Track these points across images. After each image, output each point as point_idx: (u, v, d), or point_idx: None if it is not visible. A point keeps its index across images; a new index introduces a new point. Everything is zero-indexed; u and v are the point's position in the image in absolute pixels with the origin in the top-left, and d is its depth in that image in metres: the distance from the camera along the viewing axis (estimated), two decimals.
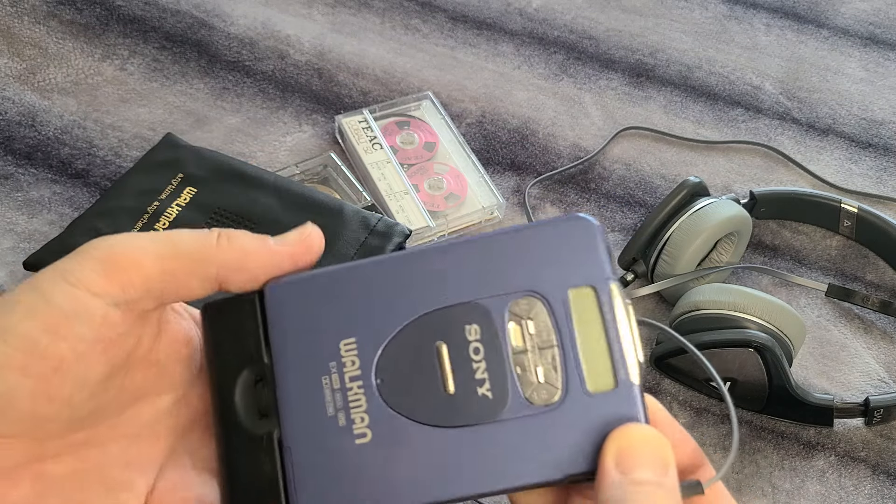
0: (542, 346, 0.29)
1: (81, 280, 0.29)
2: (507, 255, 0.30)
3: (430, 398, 0.29)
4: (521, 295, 0.30)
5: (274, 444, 0.30)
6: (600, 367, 0.29)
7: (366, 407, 0.29)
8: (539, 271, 0.30)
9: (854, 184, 0.75)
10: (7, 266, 0.63)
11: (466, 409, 0.29)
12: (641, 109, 0.80)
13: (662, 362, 0.59)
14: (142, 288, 0.30)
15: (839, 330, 0.66)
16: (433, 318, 0.30)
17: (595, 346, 0.29)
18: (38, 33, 0.79)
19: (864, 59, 0.86)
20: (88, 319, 0.29)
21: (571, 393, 0.29)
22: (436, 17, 0.86)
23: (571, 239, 0.30)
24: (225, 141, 0.73)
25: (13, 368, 0.28)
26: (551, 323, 0.29)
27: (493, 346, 0.29)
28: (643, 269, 0.65)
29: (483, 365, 0.29)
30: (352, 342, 0.30)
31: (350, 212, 0.64)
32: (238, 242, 0.31)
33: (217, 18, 0.82)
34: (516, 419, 0.29)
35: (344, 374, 0.30)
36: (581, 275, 0.29)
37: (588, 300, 0.29)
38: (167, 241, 0.30)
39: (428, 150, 0.73)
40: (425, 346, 0.30)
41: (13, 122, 0.72)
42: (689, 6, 0.90)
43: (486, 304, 0.30)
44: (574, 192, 0.73)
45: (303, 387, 0.30)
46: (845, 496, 0.57)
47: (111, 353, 0.29)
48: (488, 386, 0.29)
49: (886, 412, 0.58)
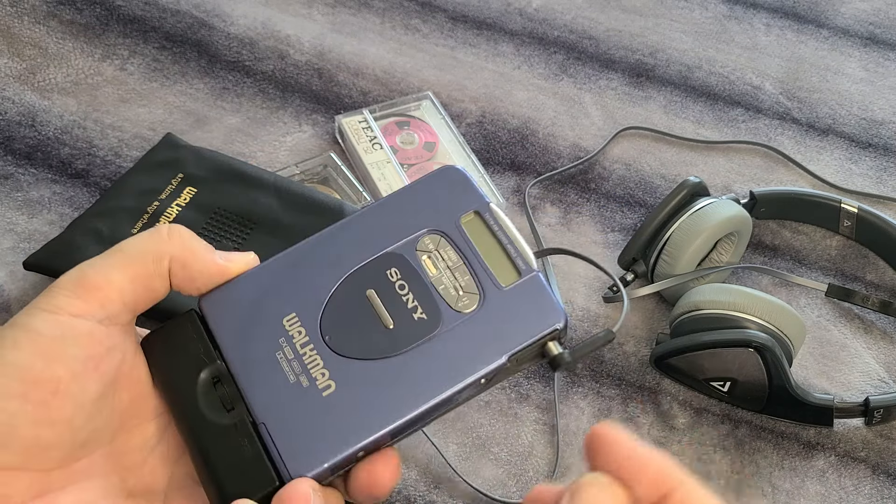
0: (453, 266, 0.35)
1: (60, 306, 0.30)
2: (401, 209, 0.36)
3: (376, 336, 0.33)
4: (424, 234, 0.35)
5: (248, 426, 0.32)
6: (504, 266, 0.35)
7: (323, 363, 0.33)
8: (431, 213, 0.36)
9: (854, 184, 0.75)
10: (7, 266, 0.63)
11: (409, 334, 0.33)
12: (641, 109, 0.80)
13: (662, 362, 0.59)
14: (118, 301, 0.31)
15: (839, 330, 0.66)
16: (357, 275, 0.35)
17: (494, 253, 0.35)
18: (38, 33, 0.79)
19: (864, 59, 0.86)
20: (76, 339, 0.29)
21: (489, 293, 0.34)
22: (436, 17, 0.86)
23: (447, 184, 0.37)
24: (225, 141, 0.73)
25: (12, 397, 0.28)
26: (453, 247, 0.35)
27: (414, 278, 0.34)
28: (643, 269, 0.65)
29: (410, 296, 0.34)
30: (293, 316, 0.34)
31: (350, 212, 0.64)
32: (187, 240, 0.33)
33: (217, 18, 0.82)
34: (453, 328, 0.33)
35: (294, 344, 0.33)
36: (464, 206, 0.36)
37: (476, 222, 0.36)
38: (120, 252, 0.32)
39: (428, 150, 0.73)
40: (358, 297, 0.34)
41: (13, 122, 0.72)
42: (689, 6, 0.90)
43: (397, 250, 0.35)
44: (574, 192, 0.73)
45: (260, 368, 0.33)
46: (845, 496, 0.57)
47: (102, 370, 0.30)
48: (421, 311, 0.34)
49: (886, 412, 0.58)
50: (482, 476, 0.57)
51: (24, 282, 0.62)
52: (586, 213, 0.71)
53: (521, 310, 0.34)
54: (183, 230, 0.33)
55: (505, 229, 0.35)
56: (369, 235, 0.35)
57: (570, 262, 0.68)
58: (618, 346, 0.63)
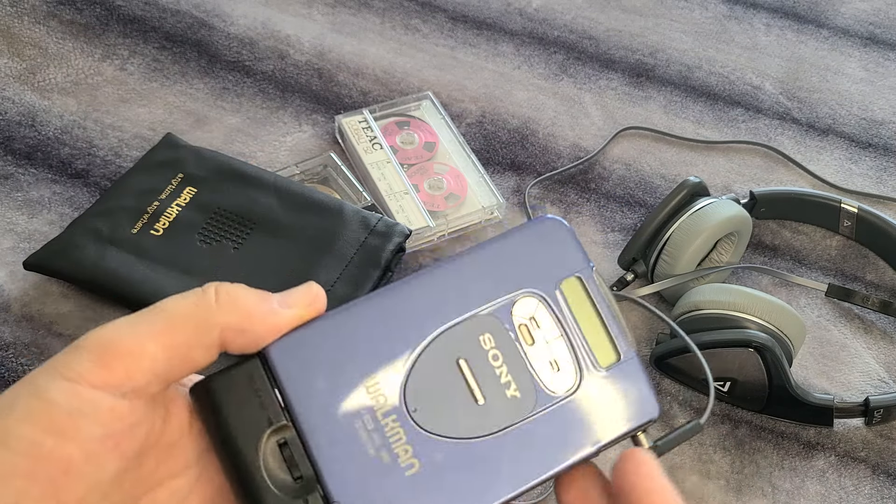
0: (550, 339, 0.31)
1: (81, 374, 0.27)
2: (495, 263, 0.32)
3: (465, 413, 0.30)
4: (520, 296, 0.32)
5: (319, 502, 0.29)
6: (603, 344, 0.32)
7: (406, 438, 0.30)
8: (529, 272, 0.32)
9: (854, 184, 0.75)
10: (7, 266, 0.63)
11: (500, 413, 0.30)
12: (641, 109, 0.80)
13: (662, 362, 0.59)
14: (148, 372, 0.28)
15: (839, 330, 0.66)
16: (445, 338, 0.31)
17: (594, 328, 0.32)
18: (38, 33, 0.79)
19: (864, 59, 0.86)
20: (94, 415, 0.27)
21: (586, 374, 0.31)
22: (436, 17, 0.86)
23: (547, 238, 0.32)
24: (225, 141, 0.73)
25: (18, 476, 0.26)
26: (552, 315, 0.31)
27: (509, 349, 0.31)
28: (643, 269, 0.65)
29: (504, 369, 0.31)
30: (373, 378, 0.30)
31: (350, 212, 0.64)
32: (241, 302, 0.29)
33: (217, 18, 0.82)
34: (546, 410, 0.31)
35: (376, 413, 0.30)
36: (565, 267, 0.32)
37: (577, 288, 0.32)
38: (162, 316, 0.28)
39: (428, 150, 0.73)
40: (446, 365, 0.31)
41: (13, 122, 0.72)
42: (689, 6, 0.90)
43: (490, 312, 0.31)
44: (574, 192, 0.73)
45: (336, 437, 0.29)
46: (845, 496, 0.57)
47: (124, 447, 0.28)
48: (515, 387, 0.31)
49: (886, 412, 0.58)
50: None
51: (24, 282, 0.62)
52: (586, 213, 0.71)
53: (618, 397, 0.31)
54: (232, 290, 0.29)
55: (608, 301, 0.32)
56: (460, 289, 0.31)
57: None
58: None
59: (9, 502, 0.26)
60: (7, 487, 0.26)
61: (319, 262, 0.61)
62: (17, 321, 0.60)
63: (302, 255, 0.61)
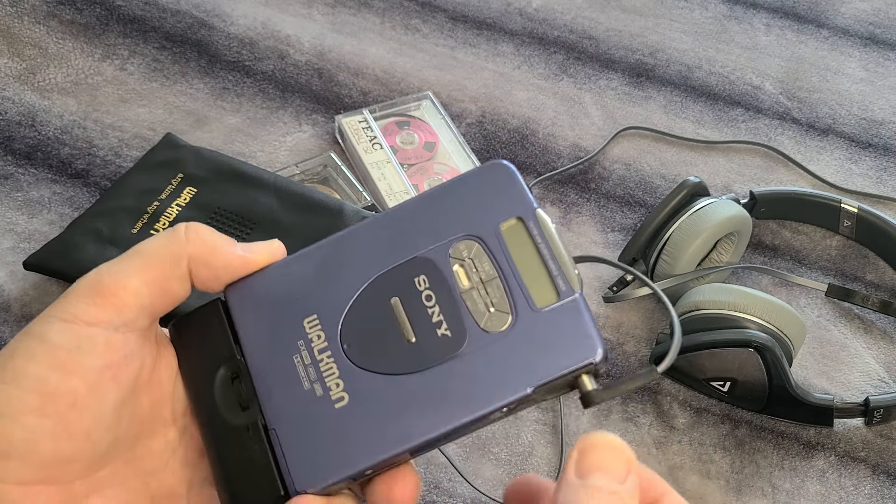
0: (487, 279, 0.31)
1: (76, 315, 0.29)
2: (438, 208, 0.33)
3: (396, 349, 0.31)
4: (459, 240, 0.32)
5: (260, 430, 0.31)
6: (542, 284, 0.31)
7: (338, 373, 0.31)
8: (469, 216, 0.32)
9: (854, 184, 0.75)
10: (7, 266, 0.63)
11: (430, 351, 0.31)
12: (641, 109, 0.80)
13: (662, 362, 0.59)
14: (135, 306, 0.30)
15: (839, 330, 0.66)
16: (384, 279, 0.32)
17: (533, 268, 0.31)
18: (38, 33, 0.79)
19: (864, 59, 0.86)
20: (92, 349, 0.29)
21: (521, 313, 0.31)
22: (436, 17, 0.86)
23: (492, 182, 0.33)
24: (225, 141, 0.73)
25: (30, 412, 0.28)
26: (489, 257, 0.32)
27: (443, 289, 0.31)
28: (643, 269, 0.65)
29: (437, 308, 0.31)
30: (314, 318, 0.32)
31: (350, 212, 0.64)
32: (206, 238, 0.32)
33: (217, 18, 0.82)
34: (478, 349, 0.31)
35: (312, 349, 0.31)
36: (507, 210, 0.32)
37: (518, 230, 0.32)
38: (140, 255, 0.31)
39: (428, 150, 0.73)
40: (381, 304, 0.32)
41: (13, 122, 0.72)
42: (689, 6, 0.90)
43: (428, 255, 0.32)
44: (574, 192, 0.73)
45: (277, 370, 0.31)
46: (845, 496, 0.57)
47: (121, 379, 0.30)
48: (446, 326, 0.31)
49: (886, 412, 0.58)
50: (482, 476, 0.57)
51: (24, 282, 0.62)
52: (586, 213, 0.71)
53: (555, 336, 0.30)
54: (201, 228, 0.32)
55: (549, 241, 0.31)
56: (402, 235, 0.32)
57: None
58: (618, 346, 0.63)
59: (22, 437, 0.27)
60: (20, 424, 0.27)
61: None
62: (17, 321, 0.60)
63: None
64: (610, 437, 0.29)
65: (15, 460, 0.27)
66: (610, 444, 0.29)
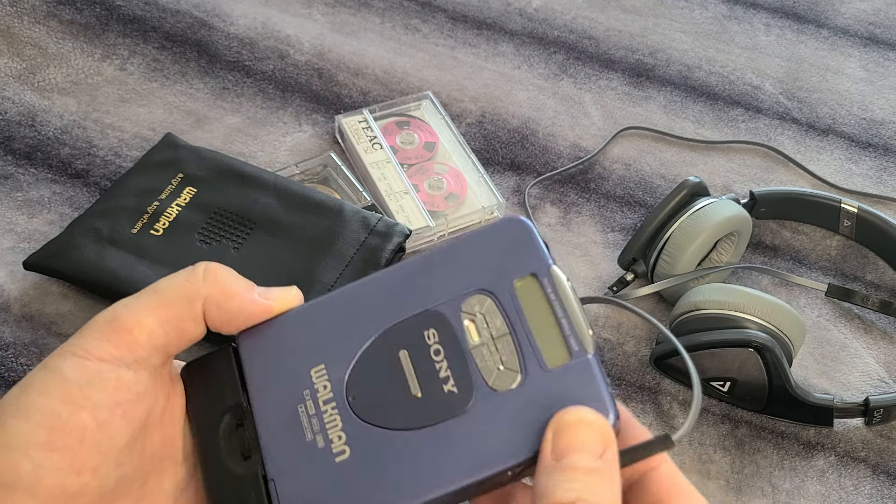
0: (497, 336, 0.31)
1: (89, 350, 0.29)
2: (453, 262, 0.32)
3: (400, 404, 0.30)
4: (471, 294, 0.31)
5: (259, 481, 0.31)
6: (554, 344, 0.30)
7: (341, 425, 0.30)
8: (483, 271, 0.32)
9: (854, 184, 0.75)
10: (7, 266, 0.63)
11: (435, 407, 0.30)
12: (641, 109, 0.80)
13: (662, 362, 0.59)
14: (148, 344, 0.30)
15: (839, 330, 0.66)
16: (393, 332, 0.31)
17: (546, 327, 0.31)
18: (38, 33, 0.79)
19: (864, 59, 0.86)
20: (102, 386, 0.29)
21: (531, 373, 0.30)
22: (436, 17, 0.86)
23: (508, 238, 0.32)
24: (225, 141, 0.73)
25: (38, 445, 0.28)
26: (501, 313, 0.31)
27: (452, 344, 0.31)
28: (643, 269, 0.65)
29: (445, 364, 0.31)
30: (321, 368, 0.31)
31: (350, 212, 0.64)
32: (224, 281, 0.32)
33: (217, 18, 0.82)
34: (485, 407, 0.30)
35: (318, 399, 0.31)
36: (522, 266, 0.32)
37: (533, 287, 0.31)
38: (154, 293, 0.31)
39: (428, 150, 0.73)
40: (390, 357, 0.31)
41: (13, 122, 0.72)
42: (689, 6, 0.90)
43: (440, 308, 0.31)
44: (574, 192, 0.73)
45: (281, 419, 0.31)
46: (845, 496, 0.57)
47: (131, 416, 0.30)
48: (452, 382, 0.30)
49: (886, 412, 0.58)
50: None
51: (24, 282, 0.62)
52: (586, 213, 0.71)
53: (565, 398, 0.29)
54: (220, 270, 0.32)
55: (563, 299, 0.31)
56: (415, 287, 0.32)
57: (568, 261, 0.68)
58: (618, 346, 0.63)
59: (30, 470, 0.27)
60: (28, 457, 0.28)
61: (319, 262, 0.61)
62: (17, 321, 0.60)
63: (302, 255, 0.61)
64: (584, 412, 0.28)
65: (21, 492, 0.27)
66: (584, 420, 0.28)
